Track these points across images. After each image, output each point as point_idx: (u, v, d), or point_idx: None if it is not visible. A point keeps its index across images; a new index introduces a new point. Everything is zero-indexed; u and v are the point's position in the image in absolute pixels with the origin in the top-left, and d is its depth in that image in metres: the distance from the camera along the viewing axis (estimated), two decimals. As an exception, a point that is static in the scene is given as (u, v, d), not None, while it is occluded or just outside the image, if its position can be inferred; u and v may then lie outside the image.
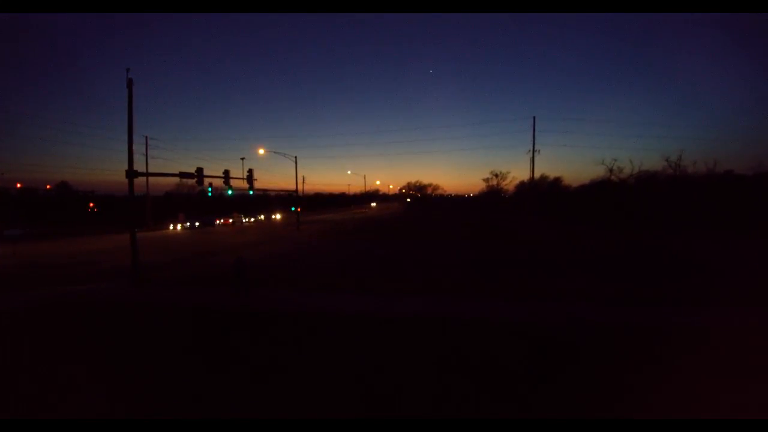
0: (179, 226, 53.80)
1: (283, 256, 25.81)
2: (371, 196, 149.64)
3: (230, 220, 63.11)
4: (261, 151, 43.59)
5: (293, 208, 59.27)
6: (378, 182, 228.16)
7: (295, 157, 48.60)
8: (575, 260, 21.22)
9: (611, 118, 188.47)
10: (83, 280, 17.53)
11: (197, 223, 56.58)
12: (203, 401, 6.53)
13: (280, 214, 77.79)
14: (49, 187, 66.41)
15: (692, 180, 54.58)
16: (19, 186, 58.90)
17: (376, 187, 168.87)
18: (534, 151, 50.74)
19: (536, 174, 57.46)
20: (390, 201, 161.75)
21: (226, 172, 24.60)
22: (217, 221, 61.36)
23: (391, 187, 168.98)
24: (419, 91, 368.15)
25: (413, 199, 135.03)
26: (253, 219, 70.20)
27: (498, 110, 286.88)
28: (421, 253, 25.16)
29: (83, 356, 8.54)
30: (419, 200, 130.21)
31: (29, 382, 7.28)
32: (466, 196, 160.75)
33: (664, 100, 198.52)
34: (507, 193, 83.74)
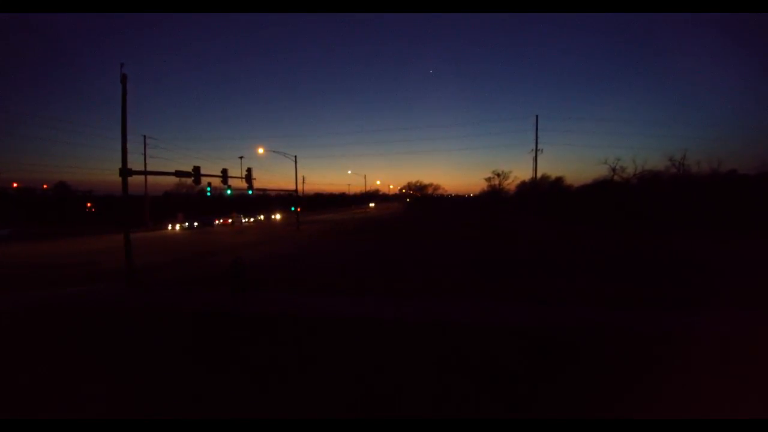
0: (178, 227, 53.34)
1: (283, 256, 25.42)
2: (371, 196, 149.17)
3: (229, 220, 62.65)
4: (260, 150, 43.06)
5: (293, 208, 58.84)
6: (378, 182, 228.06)
7: (295, 157, 48.21)
8: (576, 261, 20.90)
9: (614, 118, 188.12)
10: (76, 281, 17.05)
11: (196, 224, 56.17)
12: (191, 406, 6.06)
13: (279, 214, 77.35)
14: (45, 186, 65.99)
15: (695, 179, 54.12)
16: (16, 185, 58.44)
17: (377, 187, 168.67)
18: (537, 150, 50.13)
19: (538, 173, 56.98)
20: (390, 201, 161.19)
21: (224, 171, 24.17)
22: (216, 221, 60.94)
23: (391, 187, 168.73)
24: (420, 91, 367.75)
25: (413, 199, 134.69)
26: (252, 219, 69.78)
27: (499, 110, 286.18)
28: (421, 253, 24.86)
29: (62, 365, 8.03)
30: (420, 200, 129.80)
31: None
32: (466, 196, 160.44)
33: (667, 99, 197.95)
34: (508, 193, 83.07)
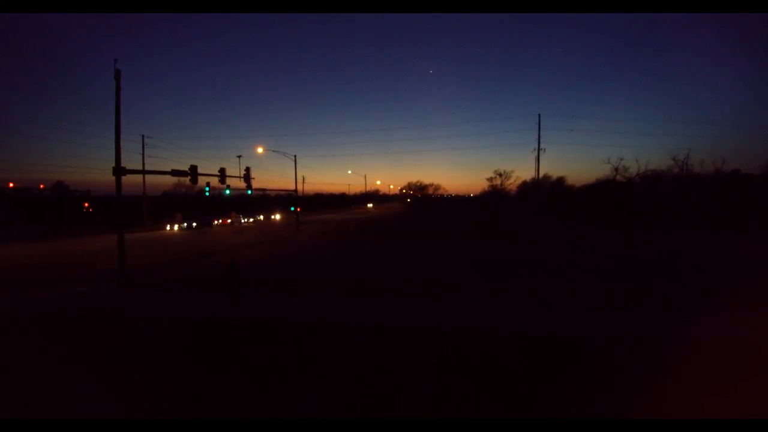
0: (176, 227, 52.78)
1: (282, 257, 24.95)
2: (371, 196, 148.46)
3: (228, 221, 62.09)
4: (260, 149, 42.49)
5: (292, 208, 58.31)
6: (378, 182, 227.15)
7: (294, 156, 47.74)
8: (576, 262, 20.61)
9: (616, 117, 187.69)
10: (70, 283, 16.54)
11: (194, 224, 55.58)
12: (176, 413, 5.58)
13: (279, 215, 76.82)
14: (42, 186, 65.34)
15: (699, 179, 53.62)
16: (12, 185, 57.80)
17: (377, 187, 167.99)
18: (539, 149, 49.55)
19: (540, 173, 56.46)
20: (391, 201, 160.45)
21: (222, 171, 23.69)
22: (215, 221, 60.38)
23: (391, 187, 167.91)
24: (420, 91, 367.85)
25: (414, 199, 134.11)
26: (252, 219, 69.22)
27: (500, 109, 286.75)
28: (421, 254, 24.48)
29: (45, 375, 7.57)
30: (420, 200, 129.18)
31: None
32: (467, 196, 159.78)
33: (670, 98, 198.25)
34: (509, 193, 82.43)
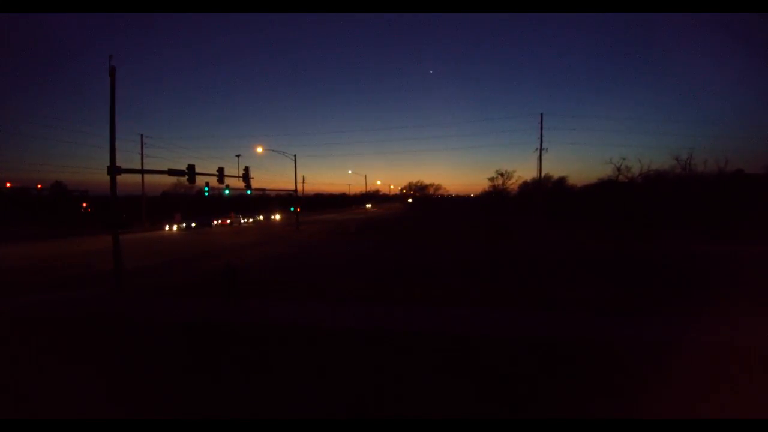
0: (175, 227, 52.36)
1: (281, 258, 24.53)
2: (372, 196, 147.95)
3: (228, 221, 61.69)
4: (259, 149, 42.17)
5: (292, 209, 57.87)
6: (379, 182, 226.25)
7: (294, 156, 47.33)
8: (577, 264, 20.42)
9: (619, 116, 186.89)
10: (65, 285, 16.14)
11: (193, 224, 55.12)
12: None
13: (279, 215, 76.42)
14: (40, 186, 64.76)
15: (701, 179, 53.20)
16: (9, 185, 57.22)
17: (377, 187, 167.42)
18: (541, 149, 49.09)
19: (542, 173, 55.97)
20: (391, 201, 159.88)
21: (221, 170, 23.27)
22: (215, 222, 59.95)
23: (392, 187, 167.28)
24: (421, 91, 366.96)
25: (414, 200, 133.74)
26: (251, 219, 68.80)
27: (501, 109, 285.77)
28: (421, 256, 24.09)
29: (35, 382, 7.14)
30: (420, 200, 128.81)
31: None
32: (468, 196, 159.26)
33: (673, 98, 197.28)
34: (511, 193, 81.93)
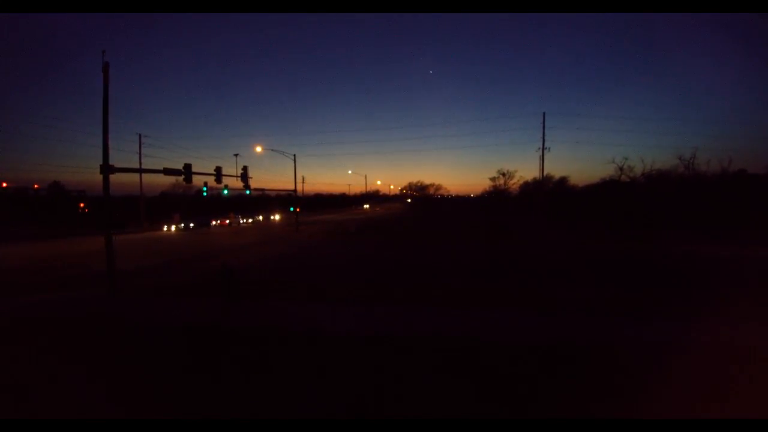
0: (174, 227, 51.97)
1: (280, 258, 24.15)
2: (371, 196, 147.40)
3: (227, 221, 61.30)
4: (258, 149, 41.79)
5: (292, 209, 57.46)
6: (379, 182, 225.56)
7: (294, 155, 46.87)
8: (578, 265, 20.10)
9: (621, 116, 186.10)
10: (59, 286, 15.79)
11: (192, 224, 54.71)
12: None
13: (279, 215, 76.04)
14: (37, 186, 64.26)
15: (703, 179, 52.81)
16: (6, 185, 56.70)
17: (377, 187, 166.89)
18: (543, 148, 48.67)
19: (544, 173, 55.53)
20: (391, 201, 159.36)
21: (218, 169, 22.85)
22: (214, 222, 59.56)
23: (392, 188, 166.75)
24: (421, 91, 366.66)
25: (414, 200, 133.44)
26: (250, 220, 68.43)
27: (501, 109, 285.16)
28: (421, 256, 23.75)
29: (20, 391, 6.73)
30: (421, 201, 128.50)
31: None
32: (468, 196, 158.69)
33: (676, 98, 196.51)
34: (512, 193, 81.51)
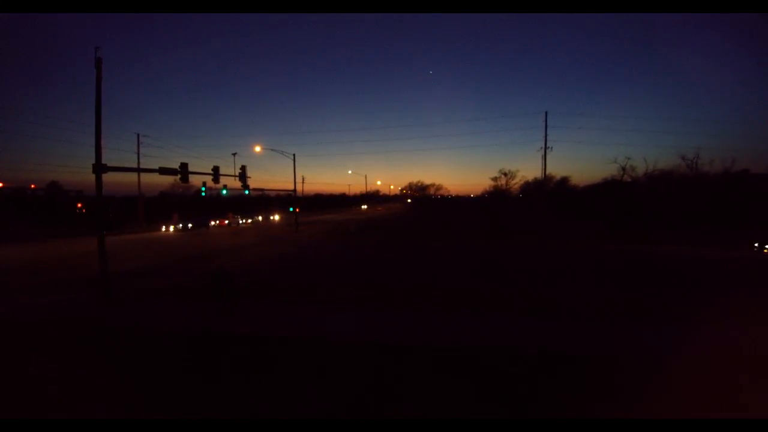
0: (172, 228, 51.47)
1: (279, 260, 23.67)
2: (371, 196, 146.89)
3: (226, 222, 60.83)
4: (257, 148, 41.41)
5: (291, 209, 57.00)
6: (379, 182, 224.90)
7: (293, 155, 46.41)
8: (578, 266, 19.93)
9: (623, 116, 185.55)
10: (48, 289, 15.26)
11: (190, 225, 54.21)
12: None
13: (278, 215, 75.61)
14: (34, 186, 63.78)
15: (706, 179, 52.43)
16: (2, 185, 56.28)
17: (377, 187, 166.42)
18: (546, 147, 48.25)
19: (545, 172, 55.12)
20: (391, 201, 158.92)
21: (215, 169, 22.40)
22: (212, 222, 59.06)
23: (392, 188, 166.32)
24: (421, 91, 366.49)
25: (414, 200, 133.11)
26: (250, 220, 67.99)
27: (502, 109, 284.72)
28: (421, 256, 23.43)
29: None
30: (421, 201, 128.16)
31: None
32: (469, 196, 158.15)
33: (678, 98, 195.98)
34: (512, 193, 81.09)
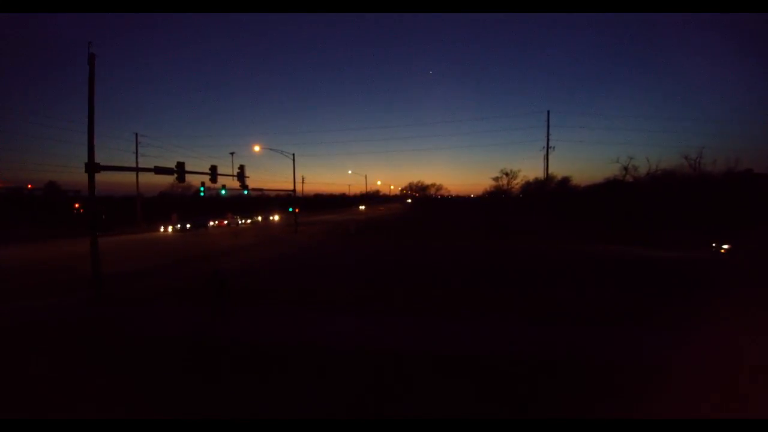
0: (170, 228, 51.08)
1: (278, 261, 23.31)
2: (371, 196, 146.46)
3: (225, 222, 60.47)
4: (256, 148, 41.07)
5: (291, 209, 56.61)
6: (379, 182, 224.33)
7: (293, 155, 46.04)
8: (578, 266, 19.86)
9: (626, 115, 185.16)
10: (40, 291, 14.87)
11: (189, 225, 53.80)
12: None
13: (278, 215, 75.24)
14: (30, 186, 63.33)
15: (708, 179, 52.07)
16: (1, 185, 55.95)
17: (377, 187, 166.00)
18: (548, 147, 47.87)
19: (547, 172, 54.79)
20: (391, 202, 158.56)
21: (213, 168, 22.02)
22: (211, 222, 58.70)
23: (392, 188, 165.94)
24: (422, 91, 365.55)
25: (414, 200, 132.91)
26: (249, 220, 67.64)
27: (502, 109, 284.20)
28: (421, 257, 23.16)
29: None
30: (421, 201, 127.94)
31: None
32: (469, 196, 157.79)
33: (680, 97, 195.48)
34: (513, 193, 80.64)
